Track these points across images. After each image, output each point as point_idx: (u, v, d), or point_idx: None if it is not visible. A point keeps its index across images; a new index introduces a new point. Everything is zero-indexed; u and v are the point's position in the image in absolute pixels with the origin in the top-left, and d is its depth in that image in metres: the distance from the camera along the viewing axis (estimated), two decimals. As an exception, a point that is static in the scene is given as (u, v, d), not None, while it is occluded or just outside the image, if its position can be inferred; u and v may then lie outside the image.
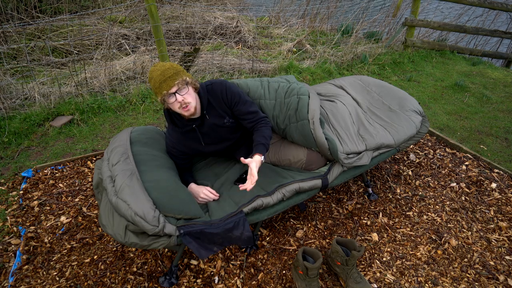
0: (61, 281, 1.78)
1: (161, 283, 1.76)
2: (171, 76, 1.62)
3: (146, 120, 3.24)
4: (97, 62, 3.96)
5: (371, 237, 2.07)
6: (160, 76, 1.62)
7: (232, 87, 1.82)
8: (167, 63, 1.67)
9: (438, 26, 5.02)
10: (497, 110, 3.67)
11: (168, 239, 1.51)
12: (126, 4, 5.45)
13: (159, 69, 1.64)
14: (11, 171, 2.56)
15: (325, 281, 1.81)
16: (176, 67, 1.67)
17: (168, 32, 5.02)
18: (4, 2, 4.71)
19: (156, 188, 1.61)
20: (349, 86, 2.46)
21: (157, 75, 1.63)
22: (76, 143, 2.90)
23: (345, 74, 4.36)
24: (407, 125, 2.19)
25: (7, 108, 3.16)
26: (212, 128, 1.83)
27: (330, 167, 1.94)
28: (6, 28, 4.18)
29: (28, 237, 2.02)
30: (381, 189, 2.45)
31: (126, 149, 1.82)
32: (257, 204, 1.69)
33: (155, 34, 3.34)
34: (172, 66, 1.66)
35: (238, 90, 1.84)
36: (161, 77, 1.61)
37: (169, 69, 1.63)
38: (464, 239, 2.06)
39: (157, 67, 1.66)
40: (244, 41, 5.09)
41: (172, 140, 1.89)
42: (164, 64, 1.67)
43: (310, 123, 1.88)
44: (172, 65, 1.67)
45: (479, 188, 2.46)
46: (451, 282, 1.81)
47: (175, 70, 1.64)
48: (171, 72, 1.63)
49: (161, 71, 1.63)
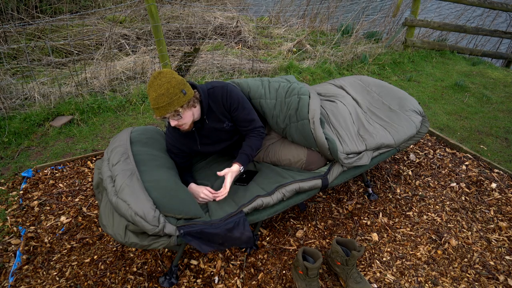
0: (61, 281, 1.78)
1: (161, 283, 1.76)
2: (164, 107, 1.57)
3: (146, 120, 3.24)
4: (97, 62, 3.96)
5: (371, 237, 2.07)
6: (154, 102, 1.57)
7: (233, 92, 1.80)
8: (165, 82, 1.56)
9: (438, 26, 5.02)
10: (497, 110, 3.67)
11: (168, 239, 1.51)
12: (126, 4, 5.46)
13: (156, 91, 1.55)
14: (11, 171, 2.56)
15: (325, 281, 1.81)
16: (171, 94, 1.56)
17: (168, 32, 5.02)
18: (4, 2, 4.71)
19: (156, 188, 1.61)
20: (349, 86, 2.46)
21: (151, 99, 1.57)
22: (76, 143, 2.90)
23: (345, 74, 4.36)
24: (407, 125, 2.19)
25: (7, 108, 3.16)
26: (211, 131, 1.84)
27: (330, 167, 1.94)
28: (6, 28, 4.18)
29: (28, 237, 2.02)
30: (381, 189, 2.45)
31: (126, 149, 1.82)
32: (257, 204, 1.69)
33: (155, 34, 3.34)
34: (167, 91, 1.55)
35: (239, 95, 1.81)
36: (155, 104, 1.57)
37: (163, 96, 1.55)
38: (464, 239, 2.06)
39: (154, 84, 1.56)
40: (244, 41, 5.09)
41: (171, 139, 1.90)
42: (162, 84, 1.56)
43: (311, 123, 1.88)
44: (168, 89, 1.56)
45: (479, 188, 2.46)
46: (451, 282, 1.81)
47: (169, 100, 1.56)
48: (164, 102, 1.56)
49: (156, 96, 1.55)
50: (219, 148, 1.93)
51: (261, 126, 1.87)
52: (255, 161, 2.08)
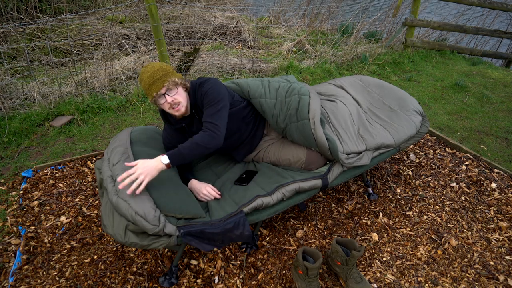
0: (61, 281, 1.78)
1: (161, 283, 1.76)
2: (160, 77, 1.61)
3: (146, 120, 3.24)
4: (97, 62, 3.96)
5: (371, 237, 2.07)
6: (149, 78, 1.61)
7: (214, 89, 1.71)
8: (157, 64, 1.66)
9: (438, 26, 5.02)
10: (497, 110, 3.67)
11: (168, 239, 1.51)
12: (126, 4, 5.45)
13: (148, 71, 1.63)
14: (11, 171, 2.56)
15: (325, 281, 1.81)
16: (166, 68, 1.66)
17: (168, 32, 5.02)
18: (4, 2, 4.71)
19: (156, 187, 1.61)
20: (349, 86, 2.46)
21: (146, 77, 1.62)
22: (76, 143, 2.90)
23: (345, 74, 4.36)
24: (407, 125, 2.19)
25: (7, 108, 3.16)
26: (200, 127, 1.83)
27: (330, 167, 1.94)
28: (6, 28, 4.18)
29: (28, 237, 2.02)
30: (381, 189, 2.45)
31: (126, 148, 1.82)
32: (257, 204, 1.69)
33: (155, 34, 3.34)
34: (161, 67, 1.65)
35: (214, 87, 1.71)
36: (150, 79, 1.61)
37: (158, 71, 1.63)
38: (464, 239, 2.06)
39: (147, 68, 1.65)
40: (244, 41, 5.08)
41: (167, 136, 1.92)
42: (154, 65, 1.66)
43: (311, 123, 1.88)
44: (162, 66, 1.66)
45: (479, 188, 2.46)
46: (451, 282, 1.81)
47: (164, 72, 1.63)
48: (160, 74, 1.62)
49: (151, 73, 1.62)
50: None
51: (215, 124, 1.65)
52: (255, 161, 2.08)
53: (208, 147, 1.61)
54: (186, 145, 1.60)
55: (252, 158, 2.09)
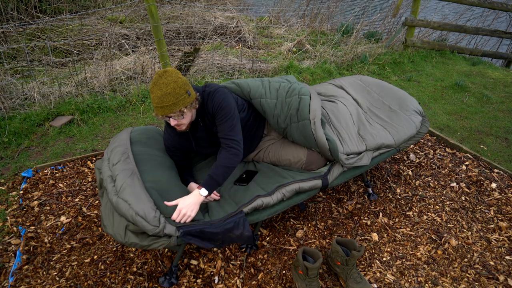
0: (61, 281, 1.78)
1: (161, 283, 1.76)
2: (169, 106, 1.56)
3: (146, 120, 3.24)
4: (97, 62, 3.96)
5: (371, 237, 2.07)
6: (158, 101, 1.55)
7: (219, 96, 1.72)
8: (171, 81, 1.55)
9: (438, 26, 5.02)
10: (497, 110, 3.67)
11: (168, 240, 1.51)
12: (126, 4, 5.45)
13: (161, 89, 1.54)
14: (11, 171, 2.56)
15: (325, 281, 1.81)
16: (177, 94, 1.56)
17: (168, 32, 5.02)
18: (4, 2, 4.71)
19: (156, 188, 1.61)
20: (349, 86, 2.46)
21: (156, 97, 1.55)
22: (76, 143, 2.90)
23: (345, 74, 4.36)
24: (407, 125, 2.19)
25: (7, 108, 3.16)
26: (205, 133, 1.84)
27: (330, 167, 1.94)
28: (6, 28, 4.18)
29: (28, 237, 2.02)
30: (381, 189, 2.45)
31: (126, 148, 1.82)
32: (257, 204, 1.69)
33: (155, 34, 3.34)
34: (174, 91, 1.55)
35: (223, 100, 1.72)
36: (159, 102, 1.55)
37: (169, 96, 1.54)
38: (464, 239, 2.06)
39: (160, 82, 1.55)
40: (244, 41, 5.08)
41: (168, 137, 1.91)
42: (168, 83, 1.55)
43: (311, 123, 1.88)
44: (175, 89, 1.55)
45: (479, 188, 2.46)
46: (451, 282, 1.81)
47: (174, 100, 1.55)
48: (170, 102, 1.55)
49: (161, 94, 1.54)
50: (214, 150, 1.93)
51: (236, 140, 1.71)
52: (255, 161, 2.08)
53: (235, 165, 1.70)
54: (217, 172, 1.64)
55: (252, 158, 2.09)
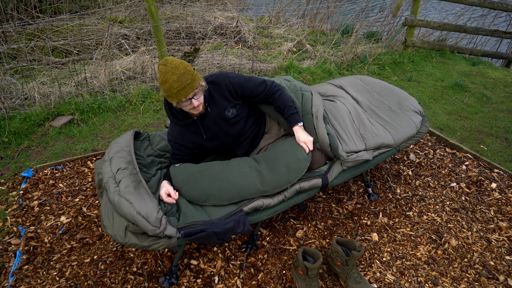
0: (61, 281, 1.78)
1: (161, 283, 1.76)
2: (190, 83, 1.56)
3: (146, 120, 3.24)
4: (97, 62, 3.96)
5: (371, 237, 2.07)
6: (178, 82, 1.54)
7: (233, 75, 1.83)
8: (179, 63, 1.56)
9: (438, 26, 5.02)
10: (497, 110, 3.67)
11: (168, 241, 1.51)
12: (126, 4, 5.45)
13: (174, 73, 1.53)
14: (11, 171, 2.56)
15: (325, 281, 1.81)
16: (191, 71, 1.58)
17: (168, 32, 5.02)
18: (4, 2, 4.71)
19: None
20: (348, 85, 2.46)
21: (173, 81, 1.54)
22: (76, 143, 2.90)
23: (345, 74, 4.36)
24: (407, 125, 2.19)
25: (7, 108, 3.16)
26: (214, 120, 1.82)
27: (330, 166, 1.94)
28: (6, 28, 4.18)
29: (28, 237, 2.02)
30: (381, 189, 2.45)
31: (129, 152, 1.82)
32: (257, 205, 1.69)
33: (155, 34, 3.34)
34: (186, 70, 1.56)
35: (238, 76, 1.84)
36: (179, 83, 1.54)
37: (185, 75, 1.55)
38: (464, 239, 2.06)
39: (170, 69, 1.54)
40: (244, 41, 5.08)
41: (173, 135, 1.87)
42: (177, 65, 1.56)
43: (314, 118, 1.90)
44: (186, 67, 1.57)
45: (479, 188, 2.46)
46: (451, 282, 1.81)
47: (191, 76, 1.57)
48: (189, 79, 1.56)
49: (178, 76, 1.53)
50: (223, 141, 1.91)
51: (274, 84, 1.90)
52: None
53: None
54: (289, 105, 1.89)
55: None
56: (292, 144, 1.85)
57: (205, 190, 1.69)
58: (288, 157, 1.78)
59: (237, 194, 1.68)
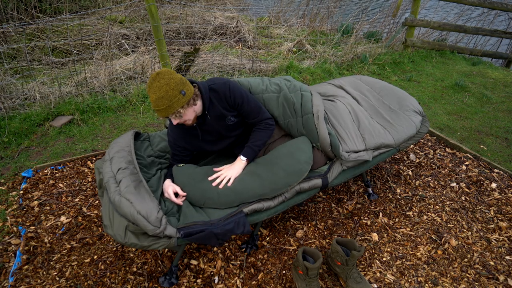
0: (61, 281, 1.78)
1: (161, 283, 1.76)
2: (164, 109, 1.56)
3: (146, 120, 3.24)
4: (97, 62, 3.96)
5: (371, 237, 2.07)
6: (154, 104, 1.56)
7: (236, 88, 1.80)
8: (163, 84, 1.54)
9: (438, 26, 5.02)
10: (497, 110, 3.67)
11: (168, 241, 1.51)
12: (126, 4, 5.45)
13: (155, 93, 1.54)
14: (11, 171, 2.56)
15: (325, 281, 1.81)
16: (170, 97, 1.55)
17: (168, 32, 5.02)
18: (4, 2, 4.71)
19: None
20: (348, 85, 2.46)
21: (151, 100, 1.56)
22: (76, 143, 2.90)
23: (345, 74, 4.36)
24: (407, 125, 2.19)
25: (7, 108, 3.16)
26: (213, 126, 1.83)
27: (330, 166, 1.94)
28: (6, 28, 4.18)
29: (28, 237, 2.02)
30: (381, 189, 2.45)
31: (130, 152, 1.82)
32: (257, 207, 1.70)
33: (155, 34, 3.34)
34: (166, 94, 1.54)
35: (241, 90, 1.82)
36: (155, 106, 1.56)
37: (162, 99, 1.54)
38: (464, 239, 2.06)
39: (154, 86, 1.54)
40: (244, 41, 5.08)
41: (173, 136, 1.88)
42: (160, 86, 1.53)
43: (315, 117, 1.91)
44: (167, 92, 1.54)
45: (479, 188, 2.46)
46: (451, 282, 1.81)
47: (168, 103, 1.55)
48: (164, 105, 1.55)
49: (155, 100, 1.54)
50: (221, 146, 1.92)
51: (268, 118, 1.88)
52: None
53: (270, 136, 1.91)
54: (257, 143, 1.84)
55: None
56: (292, 146, 1.85)
57: (203, 193, 1.68)
58: (287, 160, 1.78)
59: (235, 199, 1.68)
